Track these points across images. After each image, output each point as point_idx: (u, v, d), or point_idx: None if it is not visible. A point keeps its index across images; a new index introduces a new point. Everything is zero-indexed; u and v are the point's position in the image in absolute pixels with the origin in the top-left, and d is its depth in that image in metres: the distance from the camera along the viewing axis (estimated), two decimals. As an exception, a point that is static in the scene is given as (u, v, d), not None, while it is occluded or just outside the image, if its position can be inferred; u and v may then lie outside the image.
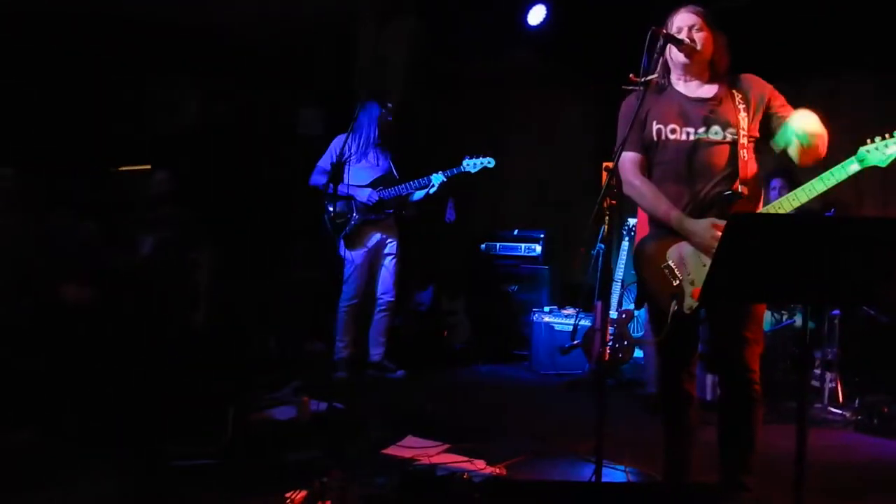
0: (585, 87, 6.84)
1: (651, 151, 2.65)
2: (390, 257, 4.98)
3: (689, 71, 2.60)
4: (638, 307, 2.83)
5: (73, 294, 3.93)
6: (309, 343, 5.49)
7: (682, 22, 2.57)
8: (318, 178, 4.85)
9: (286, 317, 5.37)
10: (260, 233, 5.59)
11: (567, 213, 7.00)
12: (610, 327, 4.94)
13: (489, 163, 4.77)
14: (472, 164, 4.77)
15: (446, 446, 3.39)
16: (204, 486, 2.91)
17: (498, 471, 3.09)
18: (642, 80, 2.46)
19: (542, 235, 6.17)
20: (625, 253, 5.19)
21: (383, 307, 4.98)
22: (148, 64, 5.30)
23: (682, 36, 2.54)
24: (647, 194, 2.61)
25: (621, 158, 2.60)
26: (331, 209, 4.83)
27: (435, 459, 3.18)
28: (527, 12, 5.47)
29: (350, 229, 4.83)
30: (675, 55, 2.57)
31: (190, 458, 3.08)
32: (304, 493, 2.64)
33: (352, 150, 4.80)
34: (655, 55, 2.54)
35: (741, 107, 2.53)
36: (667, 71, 2.64)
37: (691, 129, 2.56)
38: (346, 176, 4.73)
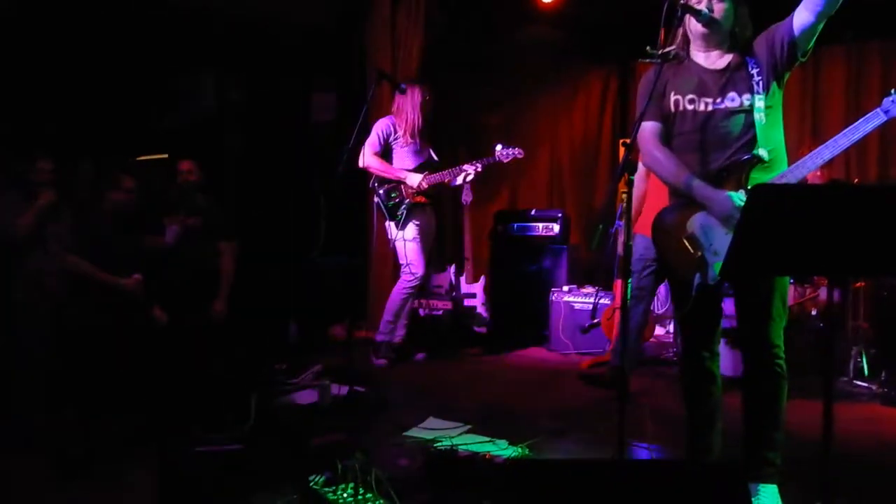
0: (603, 63, 6.78)
1: (669, 123, 2.63)
2: (431, 242, 5.04)
3: (709, 42, 2.55)
4: (657, 283, 2.80)
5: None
6: (330, 328, 5.51)
7: None
8: (369, 161, 4.83)
9: (308, 302, 5.39)
10: (282, 218, 5.61)
11: (586, 191, 6.97)
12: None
13: (519, 153, 4.84)
14: (504, 154, 4.81)
15: (468, 427, 3.40)
16: (229, 471, 2.93)
17: (520, 451, 3.08)
18: (660, 52, 2.41)
19: (559, 215, 6.12)
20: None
21: (411, 289, 4.97)
22: (166, 52, 5.30)
23: (703, 6, 2.49)
24: (666, 163, 2.59)
25: (640, 129, 2.58)
26: (381, 192, 4.84)
27: (456, 440, 3.18)
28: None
29: (403, 212, 4.84)
30: (693, 26, 2.52)
31: (214, 444, 3.10)
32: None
33: (398, 133, 4.80)
34: (674, 27, 2.49)
35: (755, 71, 2.49)
36: (686, 42, 2.60)
37: (709, 100, 2.54)
38: (393, 160, 4.84)
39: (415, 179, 4.79)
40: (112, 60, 5.03)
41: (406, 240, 4.83)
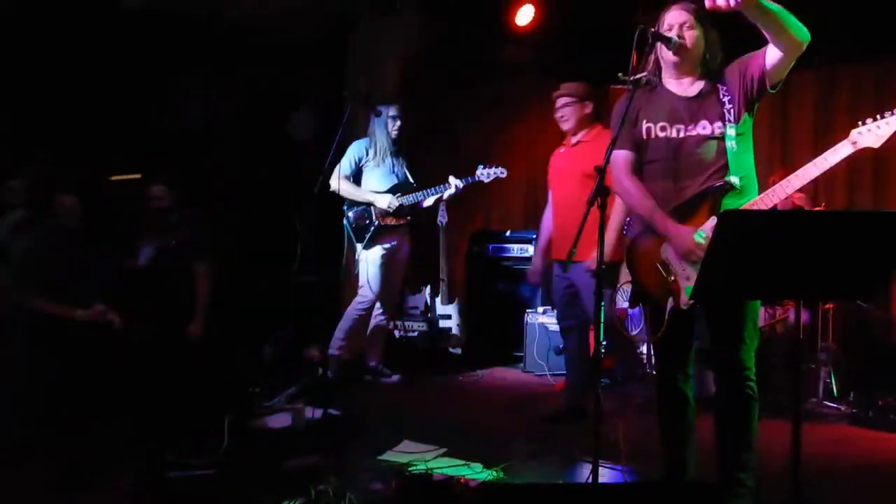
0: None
1: (642, 150, 2.66)
2: (401, 263, 4.99)
3: (680, 69, 2.60)
4: (632, 306, 2.83)
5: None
6: (306, 350, 5.46)
7: (674, 20, 2.57)
8: (339, 185, 4.83)
9: (282, 323, 5.35)
10: (258, 237, 5.57)
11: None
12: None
13: (502, 173, 4.84)
14: (485, 174, 4.81)
15: (442, 450, 3.38)
16: (201, 496, 2.90)
17: (495, 474, 3.07)
18: (631, 78, 2.45)
19: (534, 236, 6.15)
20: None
21: (379, 312, 4.95)
22: (141, 70, 5.29)
23: (673, 34, 2.54)
24: (634, 193, 2.64)
25: (613, 157, 2.59)
26: (351, 215, 4.84)
27: (431, 464, 3.17)
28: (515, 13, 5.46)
29: (370, 234, 4.83)
30: (665, 54, 2.57)
31: (187, 469, 3.06)
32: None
33: (369, 156, 4.80)
34: (645, 53, 2.54)
35: (726, 99, 2.53)
36: (658, 69, 2.65)
37: (681, 126, 2.57)
38: (364, 181, 4.84)
39: (383, 201, 4.78)
40: (90, 77, 5.01)
41: (369, 261, 4.81)
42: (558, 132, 7.04)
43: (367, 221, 4.84)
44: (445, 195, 4.84)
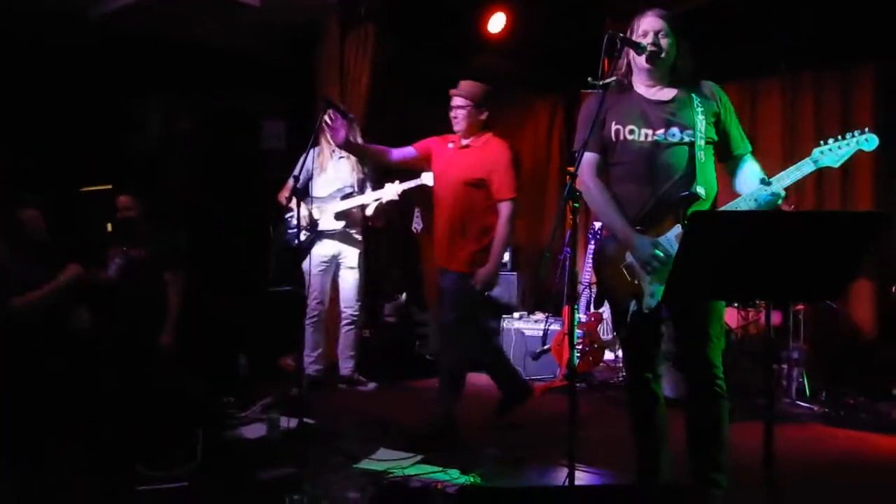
0: (550, 93, 6.91)
1: (609, 152, 2.67)
2: (350, 270, 4.90)
3: (652, 75, 2.61)
4: (597, 306, 2.86)
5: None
6: (280, 360, 5.42)
7: (648, 26, 2.57)
8: (283, 195, 4.81)
9: (257, 334, 5.31)
10: (230, 249, 5.53)
11: (535, 219, 7.05)
12: (579, 330, 4.96)
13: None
14: (430, 177, 4.72)
15: (420, 457, 3.37)
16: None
17: (472, 479, 3.07)
18: (601, 83, 2.46)
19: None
20: (591, 256, 5.22)
21: (348, 321, 4.92)
22: (114, 80, 5.25)
23: (647, 41, 2.55)
24: (598, 198, 2.65)
25: (581, 159, 2.60)
26: (292, 224, 4.80)
27: (408, 471, 3.15)
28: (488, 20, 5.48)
29: (308, 243, 4.79)
30: (638, 60, 2.58)
31: (159, 482, 3.01)
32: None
33: (315, 165, 4.75)
34: (615, 58, 2.56)
35: (699, 110, 2.55)
36: (630, 71, 2.65)
37: (650, 131, 2.58)
38: (310, 190, 4.75)
39: (317, 210, 4.71)
40: (60, 89, 4.96)
41: (311, 271, 4.76)
42: (532, 139, 7.15)
43: (307, 231, 4.79)
44: (384, 199, 4.66)
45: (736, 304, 4.71)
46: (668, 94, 2.62)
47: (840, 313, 5.00)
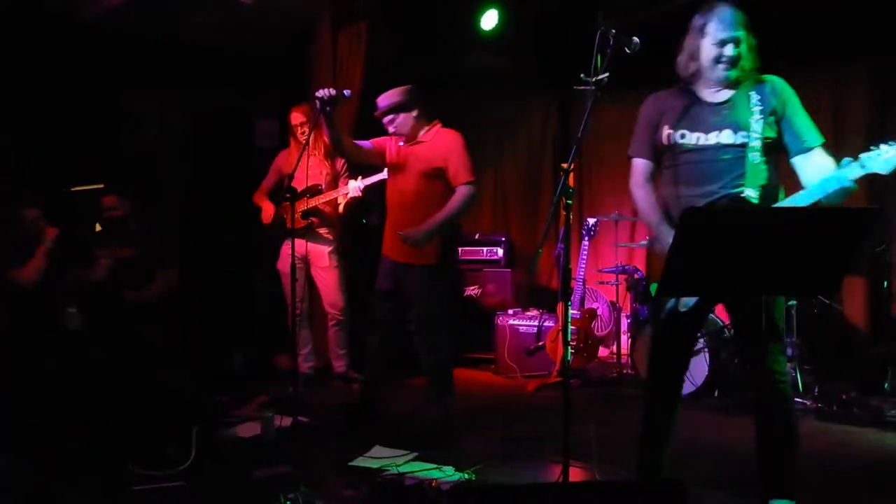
0: (544, 90, 6.91)
1: (663, 155, 2.66)
2: (324, 270, 4.85)
3: (718, 81, 2.57)
4: (642, 302, 2.86)
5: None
6: (274, 358, 5.42)
7: (724, 34, 2.49)
8: (257, 197, 4.84)
9: (251, 332, 5.30)
10: (224, 247, 5.52)
11: (530, 216, 7.05)
12: (573, 327, 4.97)
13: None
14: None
15: (414, 454, 3.37)
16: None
17: (466, 476, 3.07)
18: (593, 79, 2.46)
19: (503, 239, 6.19)
20: (585, 253, 5.22)
21: (334, 321, 4.90)
22: (108, 77, 5.23)
23: (726, 52, 2.48)
24: (642, 203, 2.67)
25: (632, 164, 2.68)
26: (270, 223, 4.80)
27: (403, 469, 3.15)
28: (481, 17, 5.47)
29: (280, 242, 4.77)
30: (704, 57, 2.53)
31: (153, 481, 3.00)
32: None
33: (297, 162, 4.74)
34: (607, 54, 2.54)
35: (756, 109, 2.49)
36: (694, 73, 2.59)
37: (701, 135, 2.55)
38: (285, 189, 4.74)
39: (285, 208, 4.60)
40: (53, 86, 4.93)
41: (283, 271, 4.74)
42: (526, 136, 7.15)
43: (279, 230, 4.77)
44: (349, 195, 4.60)
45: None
46: (724, 94, 2.57)
47: (833, 310, 5.01)
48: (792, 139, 2.51)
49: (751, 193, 2.44)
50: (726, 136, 2.52)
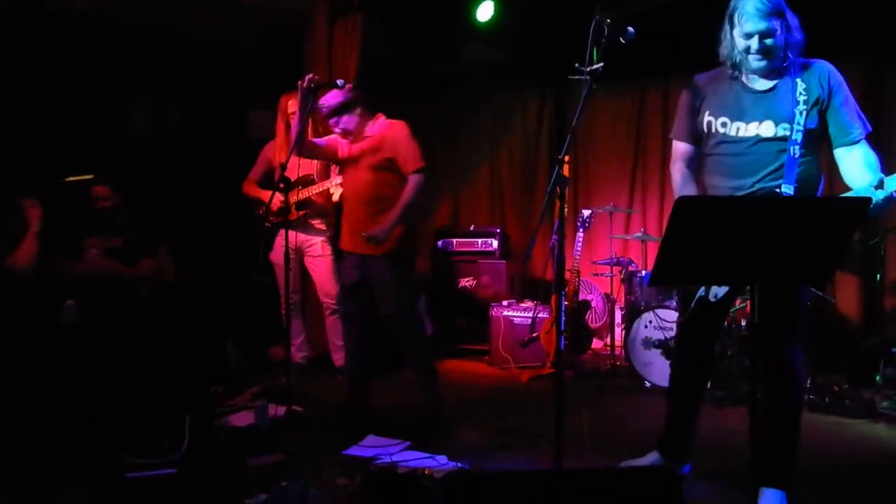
0: (540, 82, 6.91)
1: (702, 142, 2.62)
2: (317, 259, 4.84)
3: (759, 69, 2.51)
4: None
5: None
6: (269, 349, 5.42)
7: (753, 27, 2.42)
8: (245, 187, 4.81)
9: (245, 323, 5.29)
10: (218, 238, 5.51)
11: (526, 208, 7.06)
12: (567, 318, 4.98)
13: None
14: None
15: (407, 444, 3.38)
16: (162, 497, 2.85)
17: (459, 466, 3.08)
18: (588, 69, 2.45)
19: (498, 231, 6.20)
20: (580, 244, 5.23)
21: (330, 310, 4.89)
22: (102, 71, 5.20)
23: (753, 45, 2.41)
24: (679, 187, 2.62)
25: (673, 147, 2.64)
26: (260, 214, 4.79)
27: (397, 458, 3.16)
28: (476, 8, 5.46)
29: (269, 232, 4.76)
30: (745, 55, 2.47)
31: (146, 470, 3.01)
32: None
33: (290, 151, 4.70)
34: (602, 44, 2.54)
35: (801, 98, 2.42)
36: (739, 63, 2.52)
37: (742, 124, 2.51)
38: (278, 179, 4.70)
39: (276, 199, 4.54)
40: (49, 79, 4.91)
41: (276, 262, 4.72)
42: (521, 128, 7.15)
43: (269, 220, 4.75)
44: (332, 186, 4.57)
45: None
46: (769, 83, 2.50)
47: (827, 302, 5.03)
48: (836, 131, 2.44)
49: (787, 189, 2.38)
50: (767, 128, 2.46)
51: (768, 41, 2.41)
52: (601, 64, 2.53)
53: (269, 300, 5.02)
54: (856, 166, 2.39)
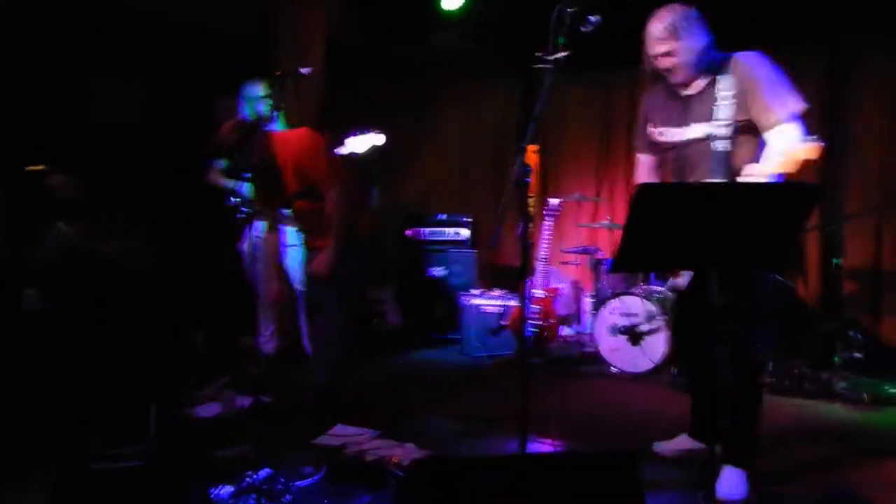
0: (508, 70, 6.92)
1: (655, 151, 2.82)
2: (290, 248, 4.76)
3: (676, 76, 2.67)
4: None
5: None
6: (238, 338, 5.40)
7: (654, 49, 2.63)
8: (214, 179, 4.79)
9: (215, 312, 5.26)
10: (186, 226, 5.45)
11: (496, 196, 7.08)
12: (535, 306, 5.02)
13: (378, 139, 4.56)
14: (356, 143, 4.55)
15: (377, 433, 3.39)
16: (126, 488, 2.83)
17: (427, 452, 3.10)
18: (551, 58, 2.48)
19: (468, 219, 6.22)
20: (548, 232, 5.26)
21: (301, 299, 4.89)
22: (66, 56, 5.10)
23: (659, 65, 2.63)
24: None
25: (635, 159, 2.89)
26: (228, 203, 4.76)
27: (365, 447, 3.17)
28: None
29: (239, 222, 4.72)
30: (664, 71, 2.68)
31: (111, 461, 2.98)
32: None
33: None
34: (563, 33, 2.56)
35: (721, 94, 2.54)
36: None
37: (677, 130, 2.67)
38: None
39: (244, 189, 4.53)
40: (10, 63, 4.80)
41: (247, 251, 4.71)
42: (490, 116, 7.15)
43: (238, 209, 4.69)
44: None
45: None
46: (695, 87, 2.66)
47: (787, 286, 5.13)
48: (759, 117, 2.54)
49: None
50: (694, 130, 2.61)
51: (668, 60, 2.60)
52: (565, 53, 2.56)
53: (240, 290, 4.99)
54: (767, 150, 2.51)
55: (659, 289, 4.77)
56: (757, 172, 2.42)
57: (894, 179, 5.12)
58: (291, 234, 4.80)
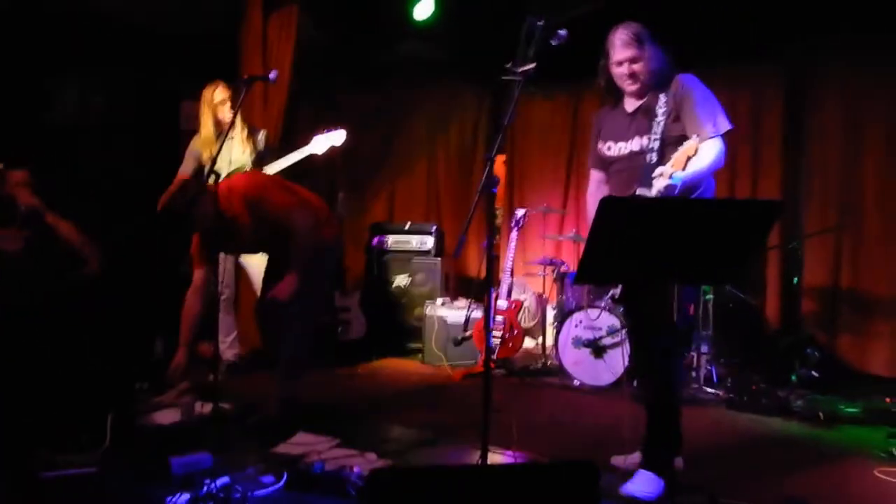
0: (477, 81, 6.96)
1: (604, 166, 2.96)
2: (251, 255, 4.70)
3: (632, 92, 2.83)
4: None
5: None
6: (198, 345, 5.31)
7: (622, 55, 2.77)
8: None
9: (173, 318, 5.16)
10: (146, 229, 5.36)
11: (463, 206, 7.10)
12: (499, 317, 5.03)
13: (339, 137, 4.46)
14: (315, 146, 4.47)
15: (337, 441, 3.36)
16: (80, 496, 2.76)
17: (388, 461, 3.09)
18: (519, 70, 2.51)
19: (433, 228, 6.22)
20: (514, 243, 5.29)
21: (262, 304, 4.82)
22: (31, 54, 5.00)
23: (623, 71, 2.76)
24: (591, 210, 2.94)
25: (590, 175, 3.05)
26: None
27: (326, 455, 3.14)
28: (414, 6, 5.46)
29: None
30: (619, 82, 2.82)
31: (64, 468, 2.91)
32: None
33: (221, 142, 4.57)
34: (533, 45, 2.60)
35: (660, 111, 2.70)
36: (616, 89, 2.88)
37: (623, 144, 2.82)
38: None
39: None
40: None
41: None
42: (459, 126, 7.18)
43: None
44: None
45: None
46: (638, 102, 2.82)
47: (748, 305, 5.21)
48: (688, 132, 2.68)
49: (643, 193, 2.63)
50: (635, 143, 2.77)
51: (635, 66, 2.74)
52: (533, 65, 2.60)
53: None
54: (694, 158, 2.59)
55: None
56: (665, 172, 2.54)
57: (852, 200, 5.24)
58: None
